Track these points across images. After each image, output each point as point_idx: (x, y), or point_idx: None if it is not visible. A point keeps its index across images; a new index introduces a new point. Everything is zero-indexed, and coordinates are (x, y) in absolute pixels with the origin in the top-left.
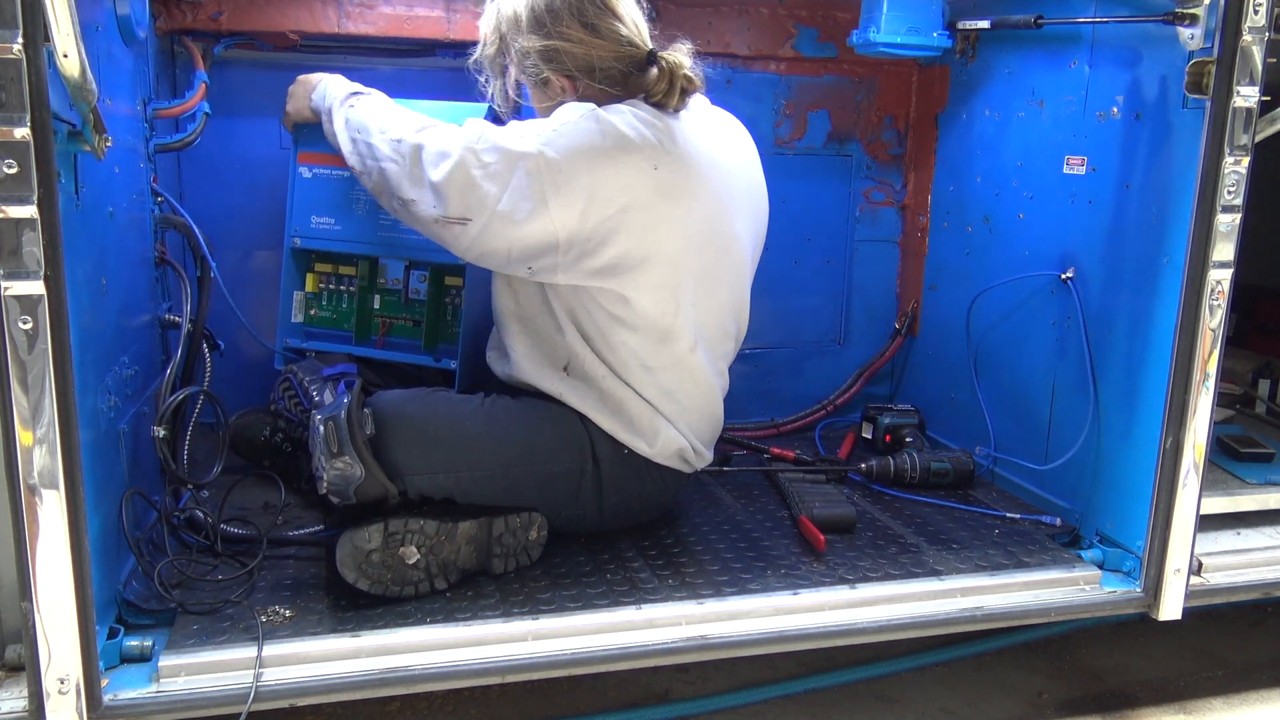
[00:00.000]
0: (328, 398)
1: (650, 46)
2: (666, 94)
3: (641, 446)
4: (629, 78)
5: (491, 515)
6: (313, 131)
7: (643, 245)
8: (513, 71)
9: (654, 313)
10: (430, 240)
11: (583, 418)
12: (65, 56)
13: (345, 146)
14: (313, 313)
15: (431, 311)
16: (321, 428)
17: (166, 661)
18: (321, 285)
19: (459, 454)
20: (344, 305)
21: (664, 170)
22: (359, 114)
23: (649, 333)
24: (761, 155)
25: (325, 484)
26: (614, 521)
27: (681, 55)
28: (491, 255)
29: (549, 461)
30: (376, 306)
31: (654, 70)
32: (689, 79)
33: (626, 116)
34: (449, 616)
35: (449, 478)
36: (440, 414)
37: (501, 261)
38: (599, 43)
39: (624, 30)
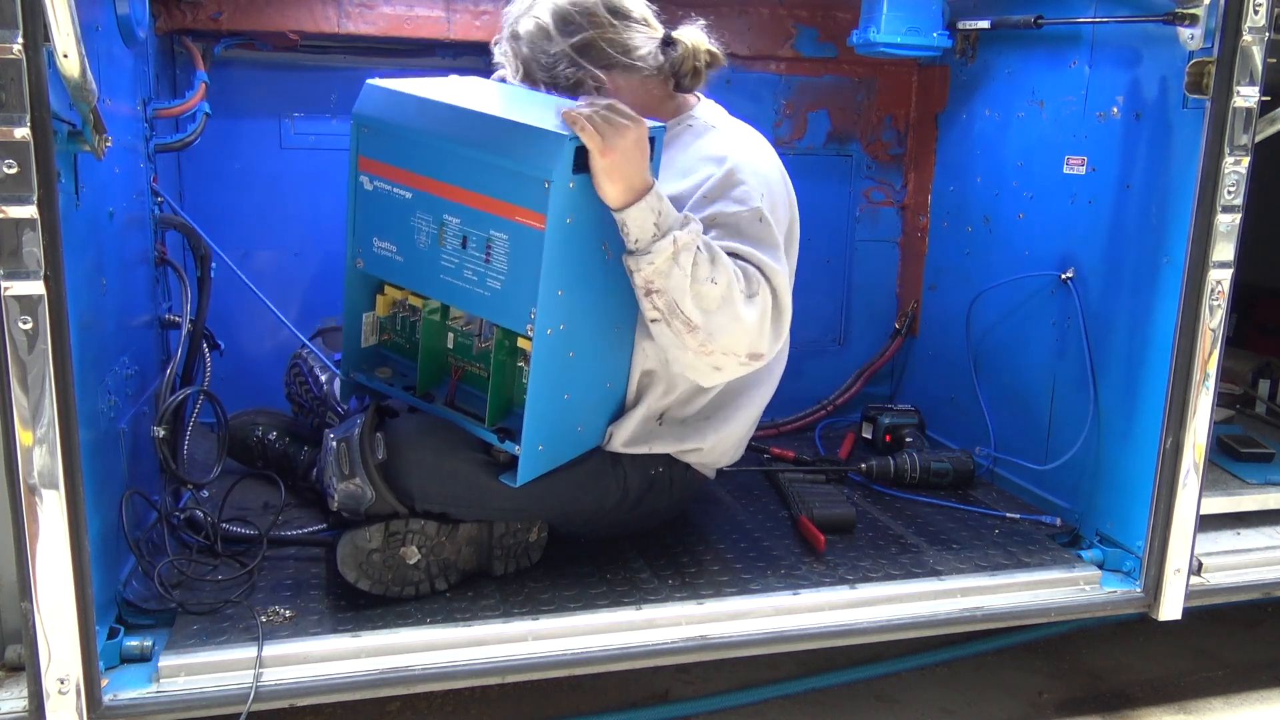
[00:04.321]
0: (337, 387)
1: (663, 29)
2: (694, 75)
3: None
4: (658, 61)
5: None
6: (380, 136)
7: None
8: (540, 89)
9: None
10: (496, 300)
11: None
12: (65, 56)
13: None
14: (385, 337)
15: (498, 377)
16: (334, 445)
17: (166, 661)
18: (394, 310)
19: (473, 495)
20: (418, 336)
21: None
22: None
23: None
24: None
25: (336, 502)
26: (623, 532)
27: (696, 32)
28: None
29: (572, 502)
30: (450, 346)
31: (676, 51)
32: (713, 54)
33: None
34: (449, 617)
35: (460, 513)
36: (460, 455)
37: None
38: (631, 24)
39: (640, 11)
